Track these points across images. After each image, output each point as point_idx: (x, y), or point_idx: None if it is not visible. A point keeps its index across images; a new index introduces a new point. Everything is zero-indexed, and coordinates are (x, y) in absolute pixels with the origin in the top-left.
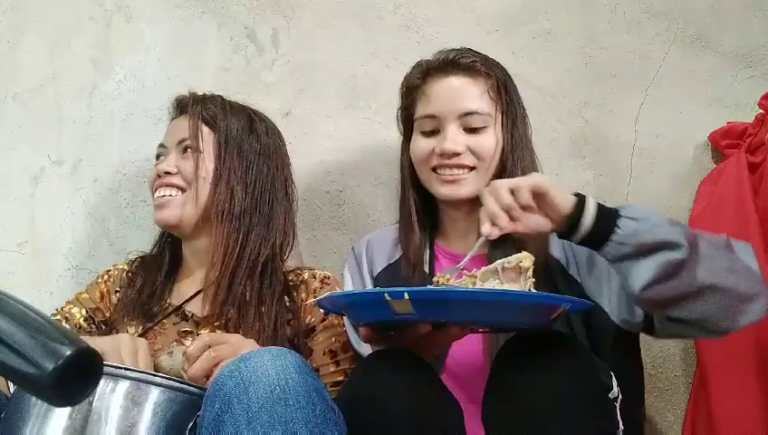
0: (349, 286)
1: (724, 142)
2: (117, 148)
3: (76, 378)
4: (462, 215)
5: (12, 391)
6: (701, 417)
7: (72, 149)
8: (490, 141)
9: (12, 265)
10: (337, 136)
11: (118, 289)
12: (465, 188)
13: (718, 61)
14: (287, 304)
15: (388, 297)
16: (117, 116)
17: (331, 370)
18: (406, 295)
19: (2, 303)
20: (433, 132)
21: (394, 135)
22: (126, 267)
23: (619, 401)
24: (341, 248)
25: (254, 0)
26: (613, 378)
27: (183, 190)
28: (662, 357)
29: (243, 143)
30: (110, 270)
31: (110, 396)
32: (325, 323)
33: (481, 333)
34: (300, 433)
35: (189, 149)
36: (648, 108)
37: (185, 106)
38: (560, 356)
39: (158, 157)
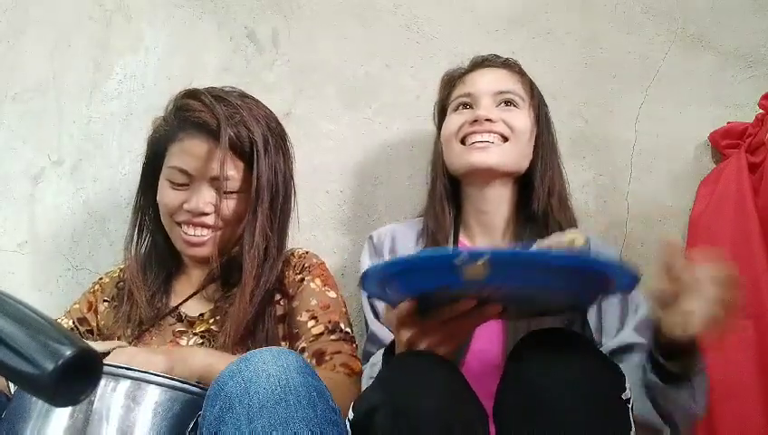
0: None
1: (724, 142)
2: (117, 148)
3: (76, 378)
4: (488, 206)
5: (13, 390)
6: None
7: (72, 150)
8: (524, 118)
9: (12, 265)
10: (337, 136)
11: (106, 298)
12: (494, 156)
13: (718, 61)
14: (276, 285)
15: (458, 262)
16: (117, 116)
17: (311, 325)
18: (482, 258)
19: (2, 303)
20: (466, 108)
21: (394, 135)
22: (119, 275)
23: (631, 402)
24: (342, 248)
25: (254, 0)
26: (626, 380)
27: (215, 229)
28: None
29: (277, 176)
30: (102, 278)
31: (111, 396)
32: (302, 288)
33: (508, 319)
34: (300, 433)
35: (222, 188)
36: (647, 108)
37: (213, 133)
38: (574, 354)
39: (175, 183)
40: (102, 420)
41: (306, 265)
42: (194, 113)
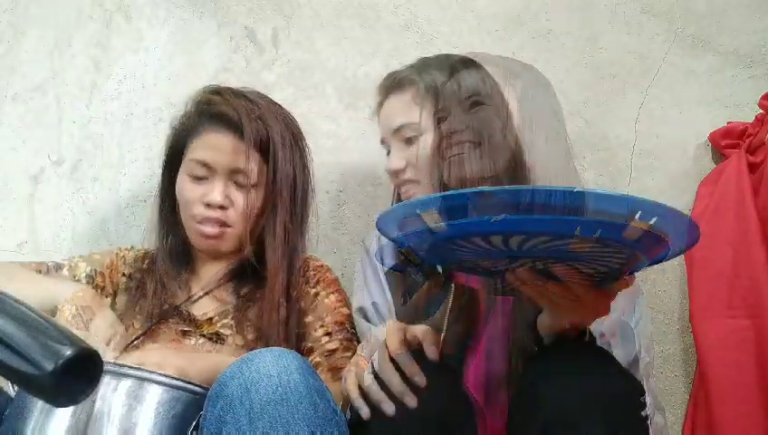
0: (360, 278)
1: (724, 142)
2: (117, 148)
3: (76, 378)
4: None
5: (14, 389)
6: (701, 417)
7: (72, 150)
8: (424, 149)
9: None
10: (337, 136)
11: (125, 273)
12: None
13: (718, 61)
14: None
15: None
16: (117, 116)
17: (324, 341)
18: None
19: (2, 303)
20: (389, 154)
21: None
22: (141, 257)
23: (649, 418)
24: (341, 248)
25: (254, 0)
26: (647, 395)
27: (231, 225)
28: (662, 357)
29: (295, 169)
30: (128, 248)
31: (113, 395)
32: (316, 303)
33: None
34: (301, 433)
35: (241, 182)
36: (647, 108)
37: (237, 126)
38: (592, 368)
39: (195, 176)
40: (104, 419)
41: (321, 278)
42: (214, 106)
